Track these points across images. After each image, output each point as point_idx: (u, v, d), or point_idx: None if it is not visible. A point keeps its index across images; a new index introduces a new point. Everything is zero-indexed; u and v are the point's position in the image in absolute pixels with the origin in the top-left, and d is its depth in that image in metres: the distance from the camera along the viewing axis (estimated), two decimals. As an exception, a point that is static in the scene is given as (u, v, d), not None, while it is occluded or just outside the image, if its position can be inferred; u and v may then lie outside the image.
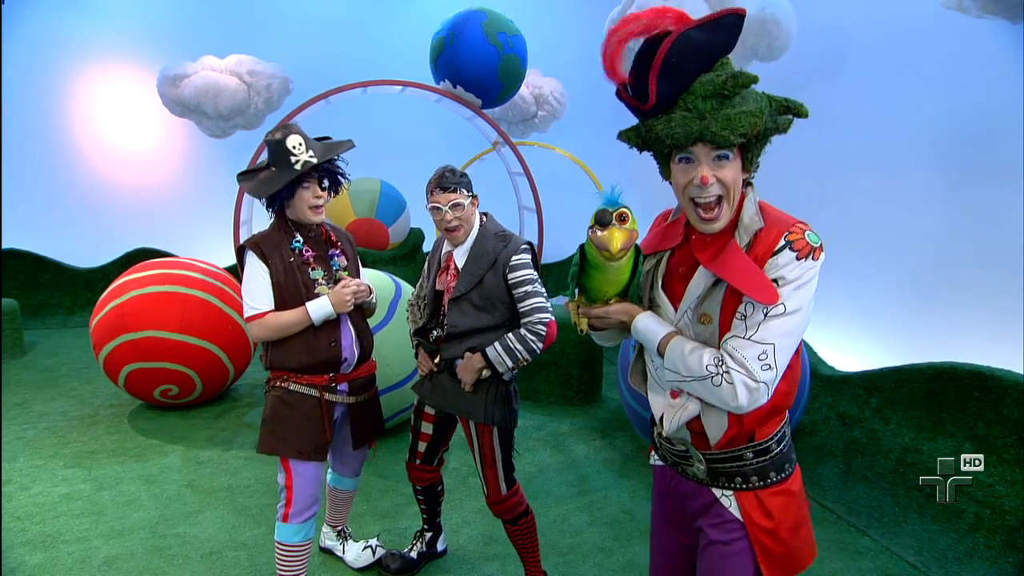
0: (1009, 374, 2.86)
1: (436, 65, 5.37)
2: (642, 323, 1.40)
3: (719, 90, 1.24)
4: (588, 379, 4.79)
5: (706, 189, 1.27)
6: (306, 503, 2.28)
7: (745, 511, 1.40)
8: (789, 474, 1.44)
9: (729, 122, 1.23)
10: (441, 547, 2.85)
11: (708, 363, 1.28)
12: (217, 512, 3.17)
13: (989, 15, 2.84)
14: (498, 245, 2.28)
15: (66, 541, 2.90)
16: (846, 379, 3.62)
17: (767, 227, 1.30)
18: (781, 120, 1.28)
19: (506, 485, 2.37)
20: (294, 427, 2.24)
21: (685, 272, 1.40)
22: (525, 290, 2.23)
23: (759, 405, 1.28)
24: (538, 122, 6.92)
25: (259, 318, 2.19)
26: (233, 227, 4.97)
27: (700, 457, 1.43)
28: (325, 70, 6.31)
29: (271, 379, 2.31)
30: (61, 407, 4.58)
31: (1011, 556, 2.64)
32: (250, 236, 2.30)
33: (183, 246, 7.26)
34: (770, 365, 1.25)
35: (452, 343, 2.32)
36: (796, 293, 1.25)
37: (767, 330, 1.25)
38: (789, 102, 1.29)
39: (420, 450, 2.57)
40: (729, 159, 1.27)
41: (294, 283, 2.21)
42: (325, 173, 2.23)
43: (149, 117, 7.36)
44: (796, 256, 1.25)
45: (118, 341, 4.12)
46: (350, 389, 2.37)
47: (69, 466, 3.64)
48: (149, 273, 4.33)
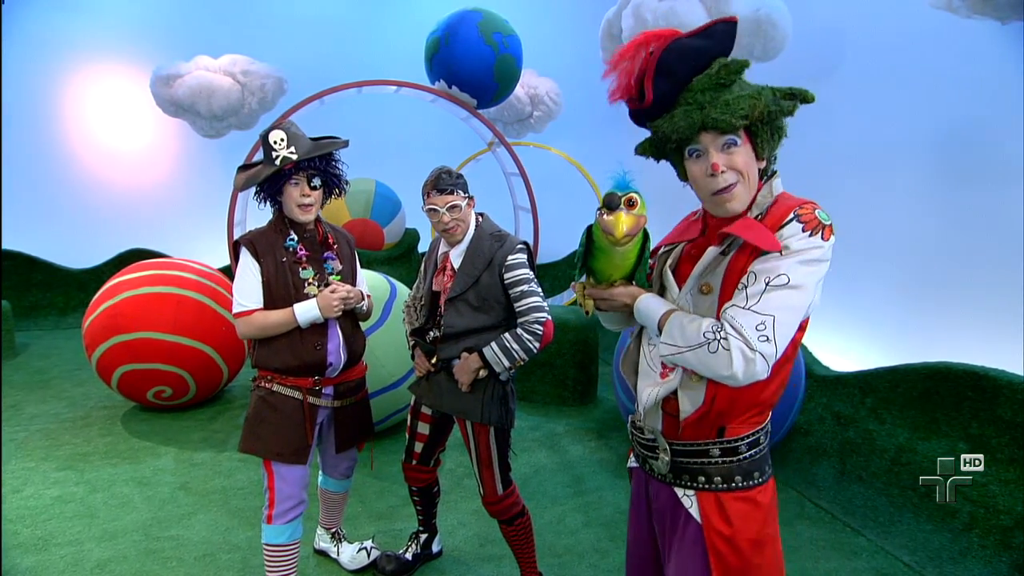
0: (1003, 374, 2.87)
1: (431, 65, 5.36)
2: (644, 303, 1.39)
3: (715, 81, 1.28)
4: (584, 380, 4.78)
5: (720, 177, 1.28)
6: (288, 504, 2.25)
7: (704, 513, 1.37)
8: (758, 483, 1.38)
9: (728, 106, 1.25)
10: (436, 548, 2.84)
11: (706, 330, 1.26)
12: (210, 514, 3.16)
13: (978, 15, 2.85)
14: (494, 245, 2.28)
15: (58, 544, 2.88)
16: (841, 379, 3.63)
17: (777, 203, 1.31)
18: (786, 104, 1.29)
19: (502, 485, 2.37)
20: (275, 429, 2.22)
21: (696, 254, 1.40)
22: (521, 290, 2.23)
23: (757, 379, 1.24)
24: (533, 122, 6.92)
25: (246, 315, 2.17)
26: (227, 227, 4.95)
27: (666, 447, 1.41)
28: (319, 70, 6.30)
29: (257, 378, 2.29)
30: (53, 409, 4.55)
31: (1005, 556, 2.64)
32: (247, 232, 2.28)
33: (177, 247, 7.24)
34: (768, 337, 1.21)
35: (449, 343, 2.31)
36: (801, 267, 1.23)
37: (767, 301, 1.22)
38: (793, 89, 1.30)
39: (416, 451, 2.57)
40: (737, 144, 1.28)
41: (284, 283, 2.18)
42: (316, 172, 2.18)
43: (142, 117, 7.34)
44: (803, 228, 1.24)
45: (111, 342, 4.10)
46: (336, 393, 2.34)
47: (61, 468, 3.61)
48: (142, 274, 4.30)
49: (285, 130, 2.13)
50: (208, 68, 5.90)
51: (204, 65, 5.92)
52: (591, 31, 5.23)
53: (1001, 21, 2.84)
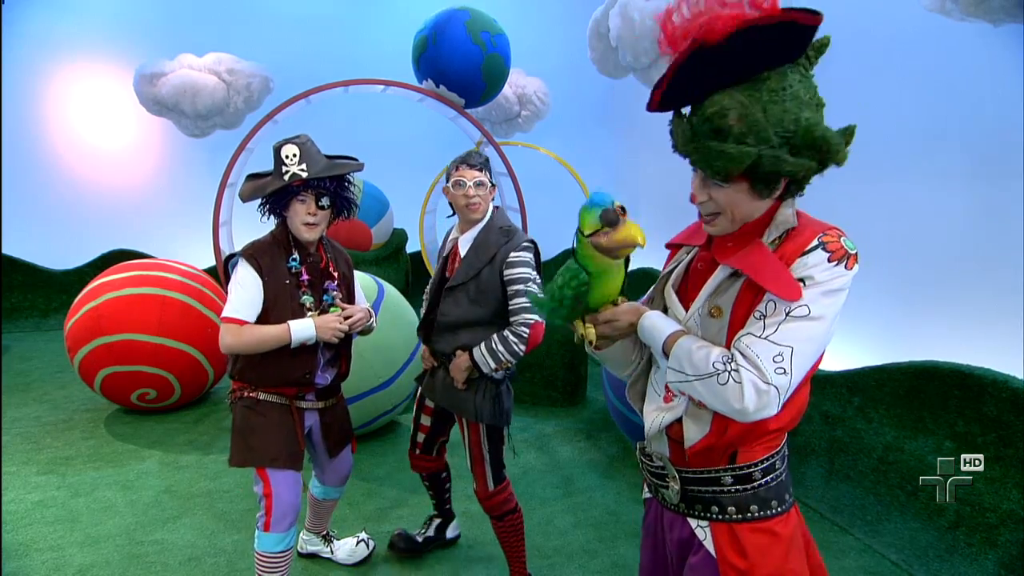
0: (988, 372, 2.88)
1: (418, 64, 5.33)
2: (649, 320, 1.30)
3: (716, 123, 1.13)
4: (573, 380, 4.78)
5: (699, 204, 1.24)
6: (287, 510, 2.22)
7: (718, 546, 1.27)
8: (776, 513, 1.29)
9: (708, 156, 1.15)
10: (452, 534, 2.89)
11: (716, 360, 1.17)
12: (196, 518, 3.11)
13: (971, 18, 2.87)
14: (500, 239, 2.30)
15: (39, 549, 2.83)
16: (829, 378, 3.64)
17: (800, 227, 1.22)
18: (793, 164, 1.15)
19: (494, 482, 2.40)
20: (266, 435, 2.19)
21: (703, 269, 1.31)
22: (517, 289, 2.25)
23: (767, 414, 1.15)
24: (521, 122, 6.91)
25: (237, 323, 2.10)
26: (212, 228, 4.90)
27: (675, 474, 1.33)
28: (306, 69, 6.25)
29: (236, 389, 2.25)
30: (35, 412, 4.47)
31: (991, 553, 2.66)
32: (248, 244, 2.21)
33: (160, 247, 7.16)
34: (785, 370, 1.13)
35: (443, 335, 2.34)
36: (824, 299, 1.15)
37: (787, 332, 1.14)
38: (819, 142, 1.15)
39: (419, 440, 2.64)
40: (722, 187, 1.19)
41: (284, 305, 2.15)
42: (326, 192, 2.14)
43: (126, 116, 7.24)
44: (828, 258, 1.15)
45: (94, 344, 4.04)
46: (317, 395, 2.35)
47: (43, 472, 3.55)
48: (126, 275, 4.25)
49: (300, 145, 2.08)
50: (192, 66, 5.83)
51: (188, 63, 5.85)
52: (579, 30, 5.22)
53: (993, 24, 2.86)
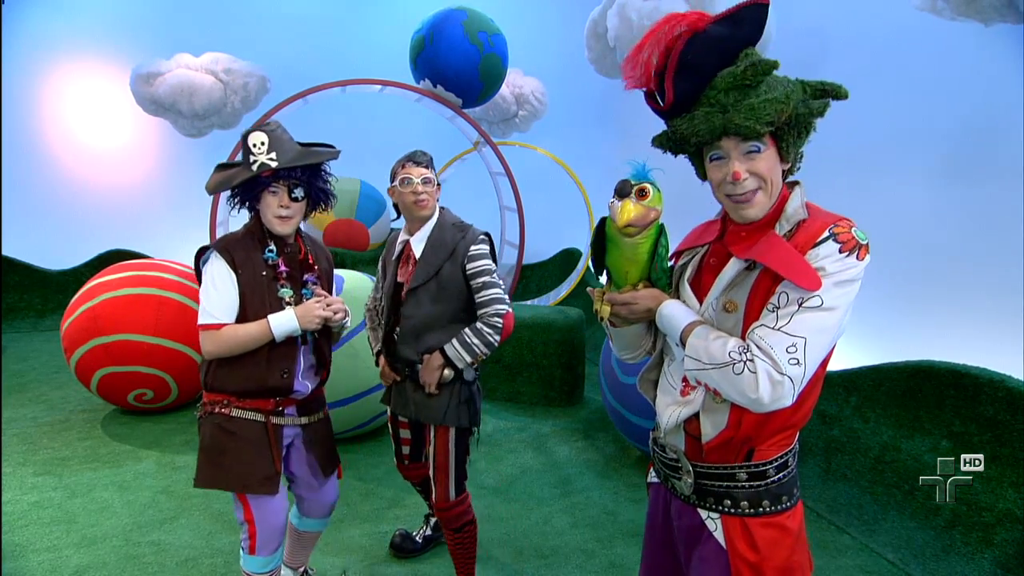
0: (984, 372, 2.89)
1: (416, 64, 5.33)
2: (668, 308, 1.31)
3: (740, 81, 1.18)
4: (570, 380, 4.78)
5: (740, 184, 1.22)
6: (272, 535, 2.08)
7: (729, 538, 1.30)
8: (786, 507, 1.32)
9: (753, 111, 1.17)
10: None
11: (732, 350, 1.19)
12: (193, 519, 3.11)
13: (962, 17, 2.88)
14: (456, 235, 2.27)
15: (36, 550, 2.82)
16: (826, 378, 3.63)
17: (811, 218, 1.24)
18: (816, 104, 1.22)
19: (455, 491, 2.32)
20: (237, 457, 1.98)
21: (716, 264, 1.33)
22: (483, 280, 2.22)
23: (782, 404, 1.17)
24: (519, 122, 6.92)
25: (214, 329, 1.92)
26: (209, 228, 4.89)
27: (689, 468, 1.34)
28: (303, 69, 6.26)
29: (207, 402, 2.03)
30: (31, 413, 4.46)
31: (987, 552, 2.67)
32: (220, 238, 2.05)
33: (157, 247, 7.15)
34: (799, 360, 1.14)
35: (407, 340, 2.28)
36: (836, 289, 1.16)
37: (800, 322, 1.15)
38: (826, 84, 1.23)
39: (405, 452, 2.59)
40: (760, 151, 1.21)
41: (260, 299, 1.98)
42: (299, 183, 1.97)
43: (122, 116, 7.24)
44: (840, 249, 1.17)
45: (90, 345, 4.03)
46: (299, 410, 2.12)
47: (39, 473, 3.54)
48: (122, 275, 4.24)
49: (268, 132, 1.92)
50: (189, 66, 5.83)
51: (185, 63, 5.84)
52: (576, 30, 5.23)
53: (984, 23, 2.87)
